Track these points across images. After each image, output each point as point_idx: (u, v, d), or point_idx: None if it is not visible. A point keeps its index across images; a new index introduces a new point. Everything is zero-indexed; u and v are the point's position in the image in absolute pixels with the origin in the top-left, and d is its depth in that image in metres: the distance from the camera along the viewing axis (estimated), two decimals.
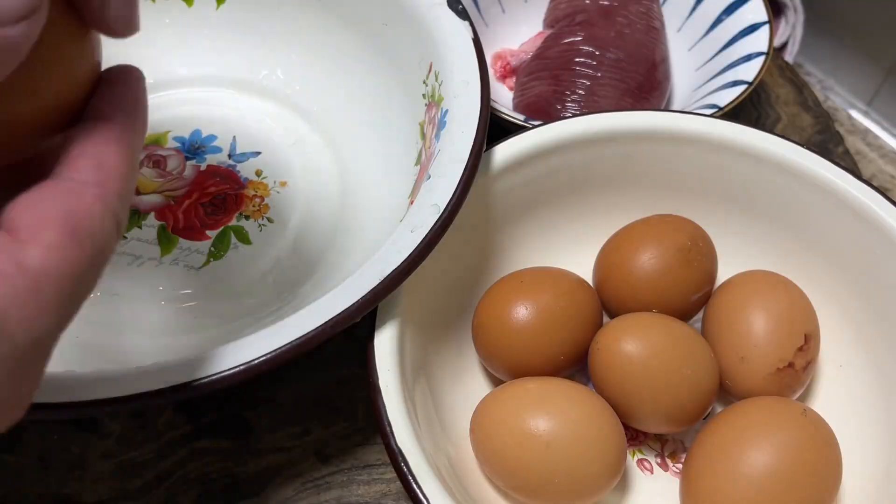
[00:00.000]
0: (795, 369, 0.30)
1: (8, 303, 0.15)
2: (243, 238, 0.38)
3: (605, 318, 0.34)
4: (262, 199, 0.40)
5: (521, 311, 0.31)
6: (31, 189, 0.16)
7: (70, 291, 0.16)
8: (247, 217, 0.39)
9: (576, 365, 0.32)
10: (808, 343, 0.31)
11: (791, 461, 0.27)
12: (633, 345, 0.29)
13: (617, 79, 0.42)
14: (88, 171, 0.17)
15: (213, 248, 0.38)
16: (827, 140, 0.48)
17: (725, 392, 0.32)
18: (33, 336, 0.15)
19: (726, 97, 0.40)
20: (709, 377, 0.30)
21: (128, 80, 0.19)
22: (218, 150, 0.42)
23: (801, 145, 0.34)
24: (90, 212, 0.16)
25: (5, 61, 0.15)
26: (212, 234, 0.38)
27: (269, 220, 0.39)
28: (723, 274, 0.34)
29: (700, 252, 0.32)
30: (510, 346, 0.31)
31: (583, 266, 0.35)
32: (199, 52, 0.44)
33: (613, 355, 0.30)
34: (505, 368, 0.32)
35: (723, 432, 0.28)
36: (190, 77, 0.44)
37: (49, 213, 0.16)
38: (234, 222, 0.39)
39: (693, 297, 0.33)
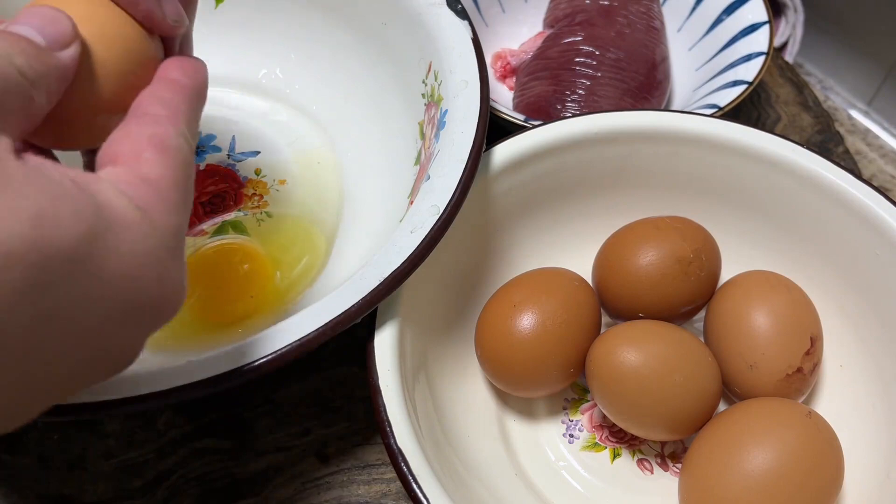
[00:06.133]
0: (804, 373, 0.30)
1: (151, 206, 0.18)
2: (242, 232, 0.38)
3: (606, 318, 0.34)
4: (262, 196, 0.40)
5: (521, 333, 0.31)
6: (116, 130, 0.20)
7: (183, 192, 0.20)
8: (245, 213, 0.39)
9: (582, 368, 0.32)
10: (814, 346, 0.31)
11: (793, 462, 0.27)
12: (630, 355, 0.29)
13: (617, 79, 0.42)
14: (158, 107, 0.21)
15: None
16: (827, 140, 0.48)
17: (734, 398, 0.32)
18: (178, 231, 0.19)
19: (726, 97, 0.40)
20: (710, 384, 0.30)
21: (182, 56, 0.24)
22: (217, 149, 0.42)
23: (801, 145, 0.34)
24: (167, 132, 0.20)
25: (64, 77, 0.20)
26: (209, 229, 0.38)
27: (268, 214, 0.39)
28: (723, 274, 0.34)
29: (701, 266, 0.32)
30: (514, 364, 0.31)
31: (583, 266, 0.35)
32: (197, 52, 0.43)
33: (610, 367, 0.29)
34: (511, 385, 0.32)
35: (724, 432, 0.28)
36: None
37: (140, 138, 0.20)
38: (231, 216, 0.39)
39: (685, 308, 0.33)
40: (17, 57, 0.18)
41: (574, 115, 0.35)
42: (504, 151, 0.34)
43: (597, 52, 0.43)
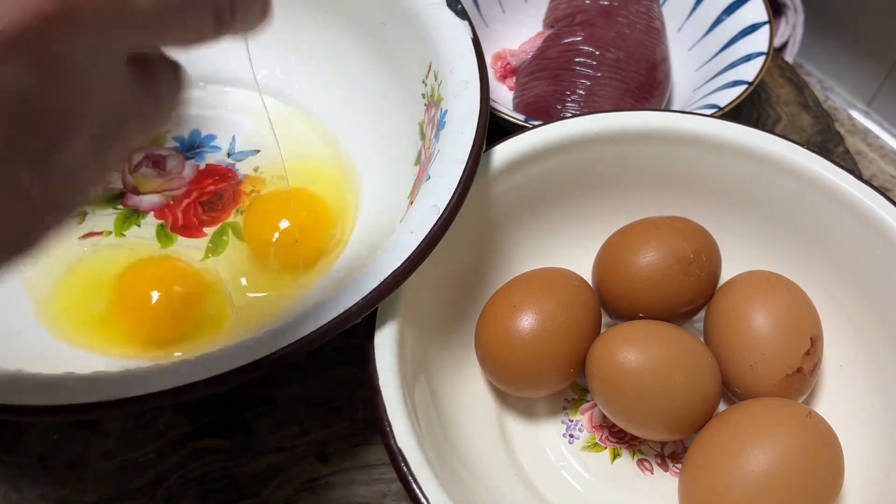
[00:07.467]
0: (804, 373, 0.30)
1: None
2: (241, 235, 0.38)
3: (606, 318, 0.34)
4: (259, 192, 0.40)
5: (521, 333, 0.30)
6: None
7: None
8: (244, 213, 0.39)
9: (582, 368, 0.32)
10: (815, 346, 0.31)
11: (793, 462, 0.27)
12: (630, 355, 0.29)
13: (617, 79, 0.42)
14: None
15: (210, 245, 0.38)
16: (827, 140, 0.48)
17: (734, 398, 0.32)
18: None
19: (726, 97, 0.40)
20: (710, 384, 0.30)
21: None
22: (217, 149, 0.42)
23: (801, 145, 0.34)
24: None
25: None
26: (209, 230, 0.38)
27: None
28: (723, 274, 0.34)
29: (701, 266, 0.32)
30: (514, 364, 0.31)
31: (583, 266, 0.35)
32: (197, 51, 0.44)
33: (610, 367, 0.29)
34: (511, 385, 0.32)
35: (724, 432, 0.28)
36: (188, 76, 0.44)
37: None
38: (231, 218, 0.39)
39: (685, 308, 0.33)
40: None
41: (574, 115, 0.35)
42: (504, 151, 0.34)
43: (597, 53, 0.43)
